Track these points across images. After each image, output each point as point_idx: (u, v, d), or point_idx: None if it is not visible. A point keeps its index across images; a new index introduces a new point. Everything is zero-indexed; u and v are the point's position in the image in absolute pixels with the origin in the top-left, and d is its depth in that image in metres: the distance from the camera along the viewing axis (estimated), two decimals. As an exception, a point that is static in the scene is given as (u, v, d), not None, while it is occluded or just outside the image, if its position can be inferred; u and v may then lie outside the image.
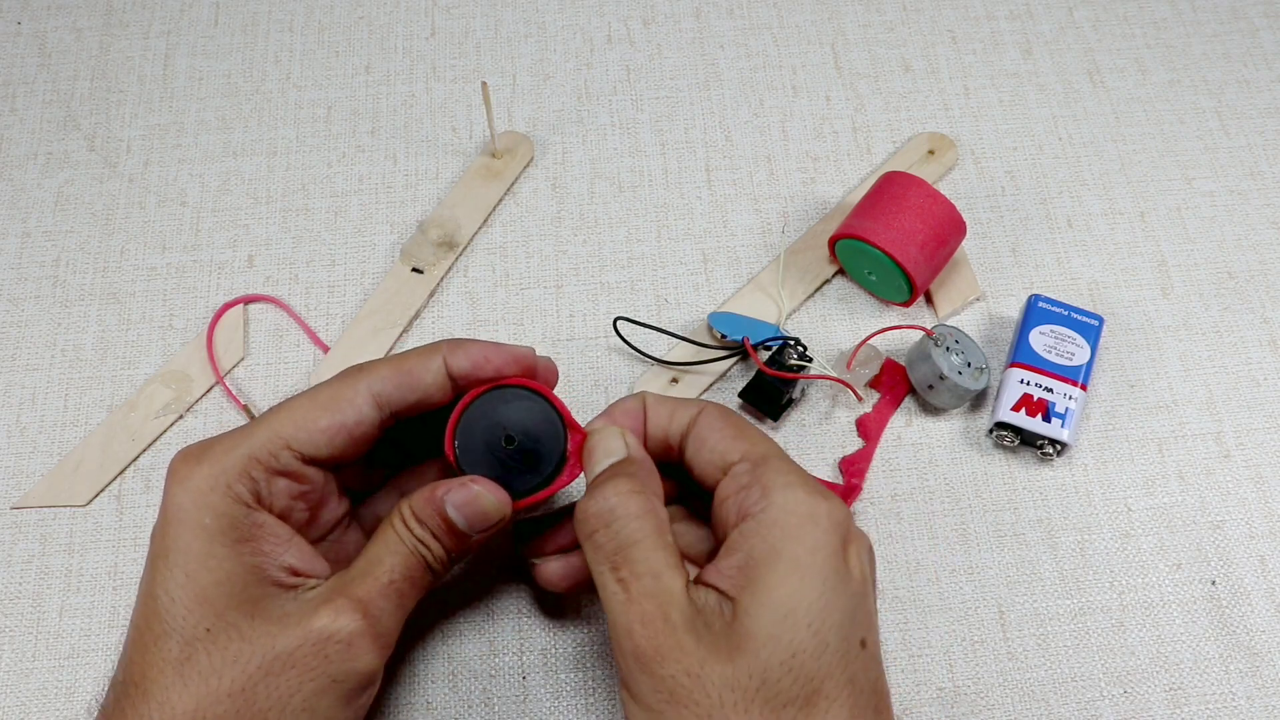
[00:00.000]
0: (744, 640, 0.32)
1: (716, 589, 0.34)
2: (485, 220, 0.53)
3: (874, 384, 0.49)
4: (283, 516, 0.36)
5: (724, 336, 0.48)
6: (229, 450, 0.35)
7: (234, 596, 0.34)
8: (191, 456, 0.35)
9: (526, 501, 0.38)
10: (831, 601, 0.32)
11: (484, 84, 0.50)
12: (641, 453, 0.37)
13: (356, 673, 0.34)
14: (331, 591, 0.35)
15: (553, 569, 0.39)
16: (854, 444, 0.48)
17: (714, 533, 0.37)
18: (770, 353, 0.48)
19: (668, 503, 0.40)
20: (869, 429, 0.48)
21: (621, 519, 0.34)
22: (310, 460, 0.36)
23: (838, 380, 0.47)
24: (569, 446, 0.38)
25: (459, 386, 0.38)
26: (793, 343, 0.48)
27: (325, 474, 0.38)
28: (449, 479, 0.37)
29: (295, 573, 0.36)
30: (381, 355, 0.49)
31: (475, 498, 0.36)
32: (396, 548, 0.36)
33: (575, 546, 0.38)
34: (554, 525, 0.40)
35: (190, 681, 0.33)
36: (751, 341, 0.47)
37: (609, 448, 0.37)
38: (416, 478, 0.41)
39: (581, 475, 0.38)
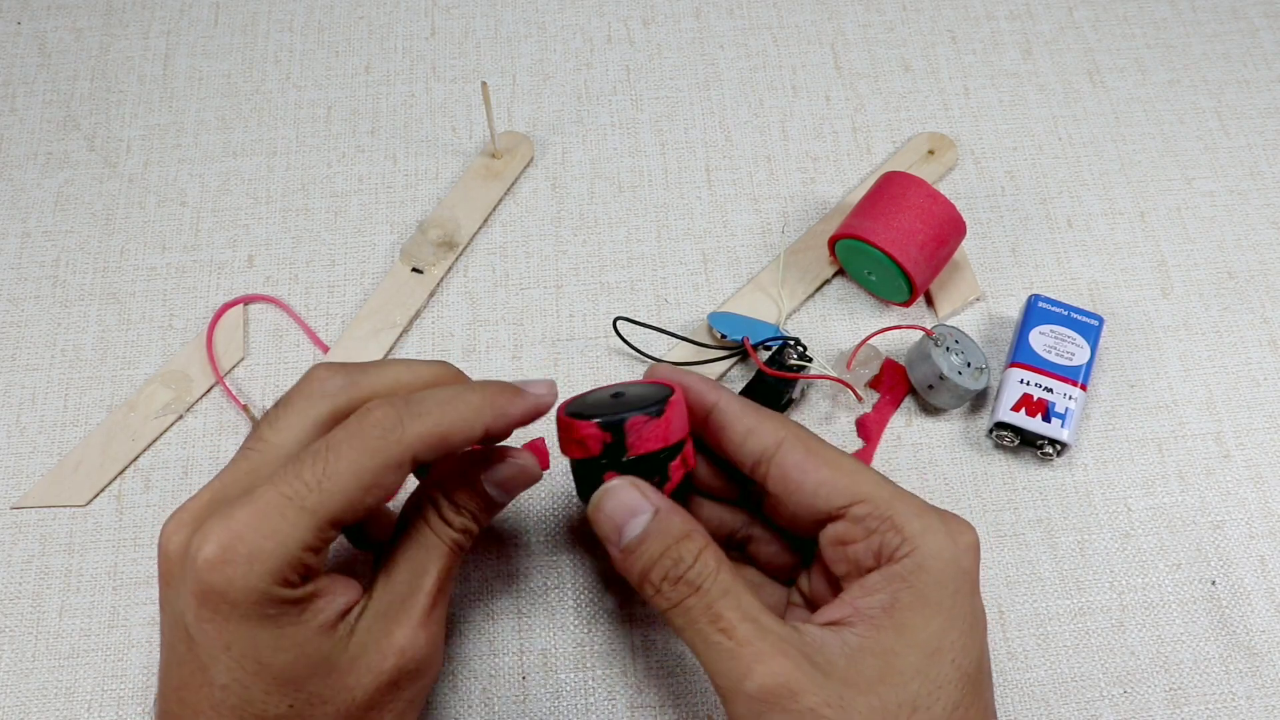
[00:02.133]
0: (889, 674, 0.32)
1: (842, 624, 0.34)
2: (485, 220, 0.53)
3: (874, 384, 0.49)
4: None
5: (724, 336, 0.49)
6: (279, 540, 0.31)
7: (309, 665, 0.32)
8: (237, 550, 0.31)
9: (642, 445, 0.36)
10: (970, 640, 0.34)
11: (484, 84, 0.50)
12: (663, 500, 0.35)
13: (425, 686, 0.35)
14: (389, 623, 0.34)
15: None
16: (854, 444, 0.48)
17: (823, 567, 0.37)
18: (770, 353, 0.48)
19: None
20: (869, 429, 0.48)
21: (710, 574, 0.34)
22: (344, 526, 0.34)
23: (838, 380, 0.47)
24: (674, 460, 0.37)
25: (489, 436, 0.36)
26: (792, 343, 0.48)
27: None
28: (474, 452, 0.36)
29: (349, 604, 0.34)
30: (381, 356, 0.49)
31: (518, 470, 0.36)
32: (437, 550, 0.35)
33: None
34: None
35: None
36: (751, 341, 0.47)
37: (629, 504, 0.35)
38: None
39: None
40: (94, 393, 0.49)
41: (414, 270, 0.51)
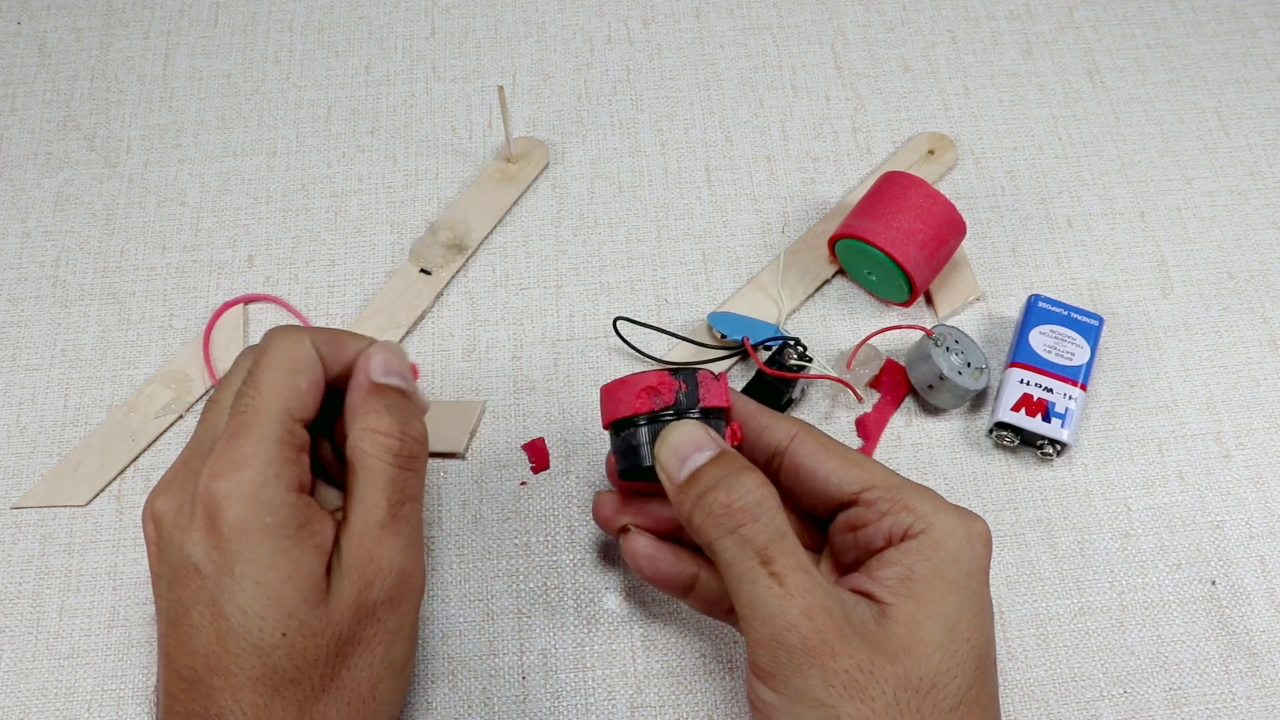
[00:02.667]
0: (912, 645, 0.32)
1: (867, 595, 0.34)
2: (497, 225, 0.53)
3: (874, 384, 0.49)
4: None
5: (724, 336, 0.49)
6: (254, 442, 0.33)
7: (300, 589, 0.33)
8: (227, 464, 0.33)
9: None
10: (983, 621, 0.34)
11: (500, 89, 0.50)
12: (728, 445, 0.36)
13: (405, 612, 0.36)
14: (354, 546, 0.34)
15: (641, 545, 0.39)
16: (854, 444, 0.48)
17: (836, 554, 0.37)
18: (770, 353, 0.48)
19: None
20: (869, 429, 0.48)
21: (769, 511, 0.33)
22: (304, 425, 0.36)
23: (838, 380, 0.47)
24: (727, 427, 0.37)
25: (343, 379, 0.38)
26: (792, 343, 0.48)
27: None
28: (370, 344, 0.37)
29: (333, 525, 0.35)
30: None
31: (384, 347, 0.37)
32: (374, 466, 0.35)
33: (668, 533, 0.39)
34: (661, 498, 0.39)
35: (286, 692, 0.33)
36: (751, 341, 0.47)
37: (697, 439, 0.35)
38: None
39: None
40: (94, 393, 0.49)
41: (422, 271, 0.51)
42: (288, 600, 0.33)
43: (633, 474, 0.37)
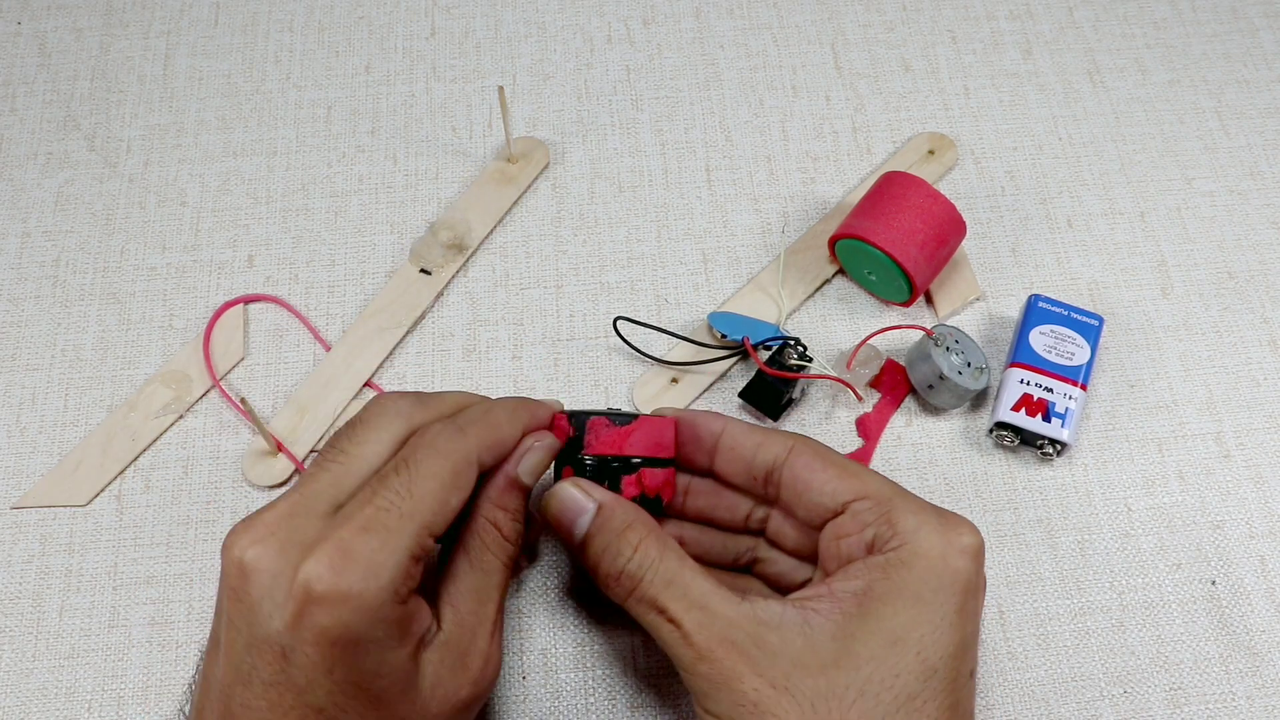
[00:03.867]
0: (843, 658, 0.33)
1: (813, 609, 0.34)
2: (497, 224, 0.53)
3: (874, 384, 0.49)
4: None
5: (724, 336, 0.48)
6: (390, 555, 0.32)
7: (399, 688, 0.33)
8: (348, 573, 0.31)
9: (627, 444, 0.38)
10: (945, 635, 0.34)
11: (500, 89, 0.50)
12: (606, 495, 0.37)
13: (488, 695, 0.37)
14: (462, 653, 0.35)
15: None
16: (854, 444, 0.48)
17: (821, 562, 0.37)
18: (770, 353, 0.48)
19: (683, 512, 0.41)
20: (869, 429, 0.48)
21: (651, 565, 0.35)
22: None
23: (838, 380, 0.47)
24: (629, 475, 0.39)
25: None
26: (792, 343, 0.48)
27: None
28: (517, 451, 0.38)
29: (427, 629, 0.35)
30: (384, 355, 0.49)
31: (543, 448, 0.37)
32: (496, 572, 0.36)
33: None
34: None
35: None
36: (751, 341, 0.47)
37: (573, 502, 0.37)
38: None
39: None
40: (94, 393, 0.49)
41: (422, 271, 0.51)
42: (386, 699, 0.33)
43: None
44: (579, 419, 0.39)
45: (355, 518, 0.32)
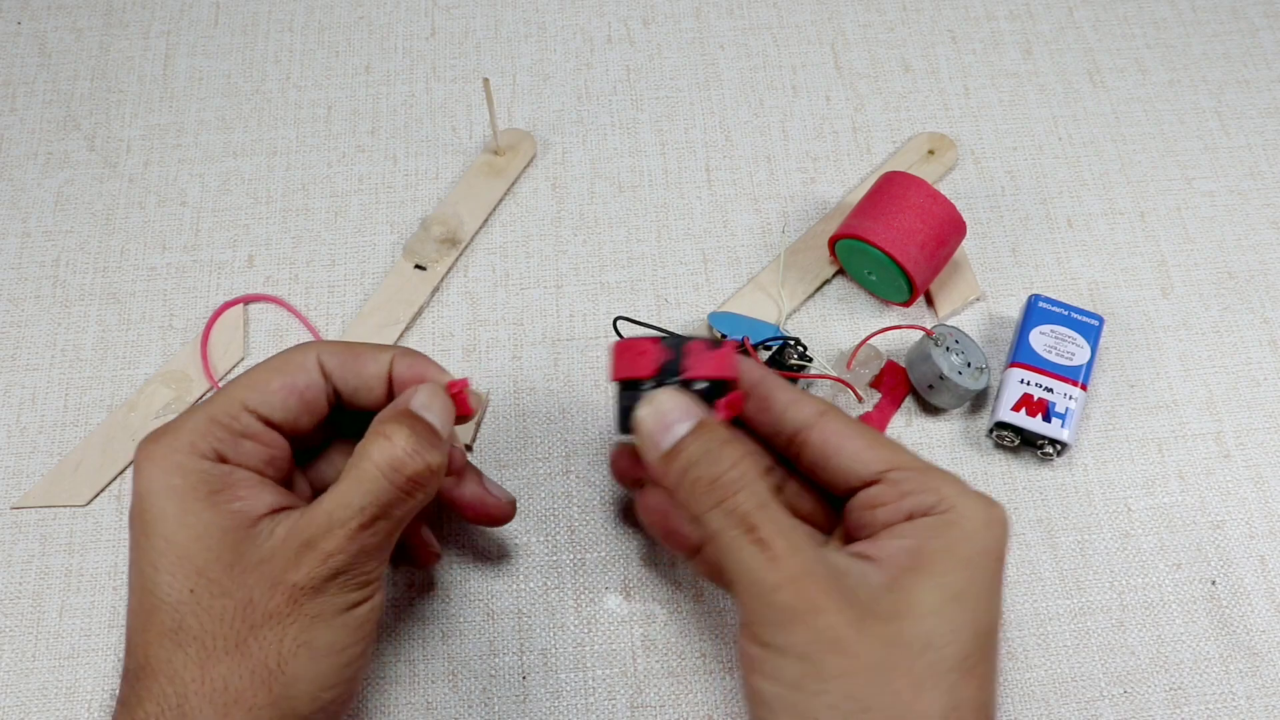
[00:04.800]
0: (908, 609, 0.33)
1: (869, 559, 0.34)
2: (488, 217, 0.53)
3: (875, 385, 0.49)
4: None
5: (724, 336, 0.48)
6: (188, 416, 0.36)
7: (213, 549, 0.34)
8: (156, 434, 0.36)
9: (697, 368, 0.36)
10: (989, 600, 0.35)
11: (485, 81, 0.50)
12: (710, 414, 0.36)
13: (335, 604, 0.35)
14: (299, 541, 0.34)
15: (654, 501, 0.40)
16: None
17: (849, 530, 0.37)
18: (770, 353, 0.48)
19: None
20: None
21: (751, 481, 0.34)
22: (267, 422, 0.36)
23: (838, 380, 0.47)
24: (720, 398, 0.37)
25: (394, 394, 0.38)
26: (792, 343, 0.48)
27: (287, 443, 0.38)
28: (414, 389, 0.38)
29: (278, 510, 0.35)
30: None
31: (434, 389, 0.37)
32: (367, 484, 0.35)
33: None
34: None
35: (189, 648, 0.33)
36: (752, 341, 0.47)
37: (673, 410, 0.36)
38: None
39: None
40: (94, 393, 0.49)
41: (417, 267, 0.51)
42: (196, 558, 0.34)
43: (623, 431, 0.37)
44: (672, 341, 0.36)
45: (199, 402, 0.37)
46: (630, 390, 0.37)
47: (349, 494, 0.35)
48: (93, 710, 0.43)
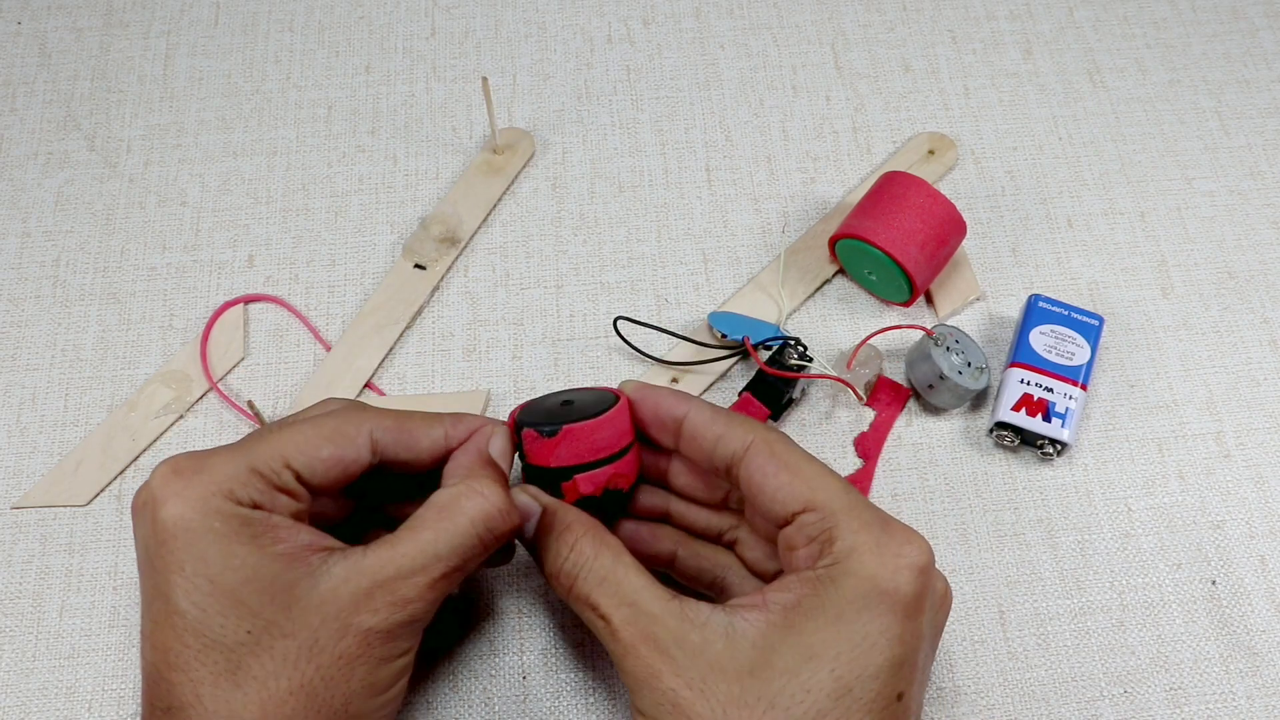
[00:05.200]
0: (759, 667, 0.33)
1: (742, 610, 0.35)
2: (487, 216, 0.53)
3: (871, 402, 0.48)
4: None
5: (724, 336, 0.48)
6: (227, 461, 0.35)
7: (266, 591, 0.33)
8: (185, 469, 0.34)
9: (578, 438, 0.38)
10: (865, 656, 0.33)
11: (484, 79, 0.50)
12: (551, 500, 0.38)
13: (403, 649, 0.36)
14: (372, 584, 0.34)
15: (623, 526, 0.41)
16: (852, 455, 0.48)
17: (782, 565, 0.37)
18: (770, 352, 0.48)
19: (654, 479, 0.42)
20: (867, 448, 0.47)
21: (584, 566, 0.36)
22: (303, 483, 0.36)
23: (838, 380, 0.47)
24: (568, 481, 0.39)
25: (448, 455, 0.39)
26: (792, 342, 0.48)
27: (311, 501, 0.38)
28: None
29: (318, 549, 0.35)
30: (384, 352, 0.49)
31: (505, 438, 0.38)
32: (461, 536, 0.35)
33: (650, 514, 0.42)
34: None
35: (249, 690, 0.33)
36: (752, 341, 0.47)
37: (523, 507, 0.38)
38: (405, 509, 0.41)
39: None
40: (94, 393, 0.49)
41: (416, 266, 0.51)
42: (249, 601, 0.33)
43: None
44: (519, 427, 0.39)
45: (237, 444, 0.36)
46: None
47: (436, 543, 0.35)
48: (93, 710, 0.43)
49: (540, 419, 0.39)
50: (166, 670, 0.33)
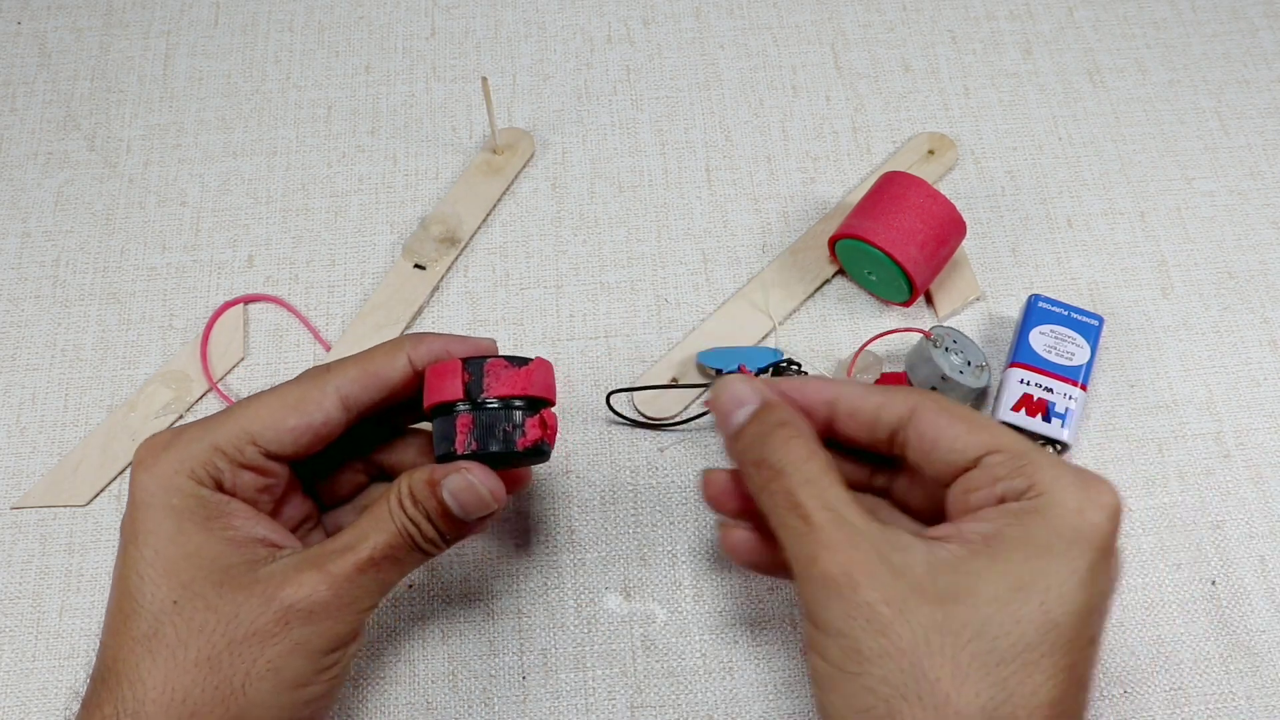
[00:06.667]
0: (964, 594, 0.32)
1: (945, 540, 0.33)
2: (487, 216, 0.53)
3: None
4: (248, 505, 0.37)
5: (719, 372, 0.48)
6: (194, 439, 0.36)
7: (203, 568, 0.34)
8: (158, 444, 0.36)
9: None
10: (1072, 591, 0.32)
11: (484, 79, 0.50)
12: (772, 394, 0.37)
13: (321, 636, 0.35)
14: (303, 562, 0.35)
15: (739, 539, 0.39)
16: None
17: (949, 516, 0.36)
18: (769, 376, 0.47)
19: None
20: None
21: (795, 463, 0.34)
22: (273, 456, 0.36)
23: (838, 380, 0.47)
24: (532, 417, 0.37)
25: (419, 378, 0.38)
26: (785, 363, 0.47)
27: (287, 468, 0.38)
28: (451, 463, 0.37)
29: (268, 544, 0.36)
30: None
31: (471, 486, 0.36)
32: (385, 525, 0.36)
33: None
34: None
35: (159, 655, 0.33)
36: (750, 369, 0.47)
37: (738, 395, 0.37)
38: (394, 453, 0.41)
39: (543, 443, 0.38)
40: (94, 393, 0.49)
41: (416, 266, 0.51)
42: (184, 572, 0.34)
43: (445, 459, 0.37)
44: (474, 364, 0.37)
45: (190, 422, 0.37)
46: (444, 415, 0.37)
47: (369, 530, 0.36)
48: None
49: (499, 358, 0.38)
50: (105, 635, 0.35)
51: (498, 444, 0.37)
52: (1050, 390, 0.46)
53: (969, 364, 0.47)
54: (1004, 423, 0.46)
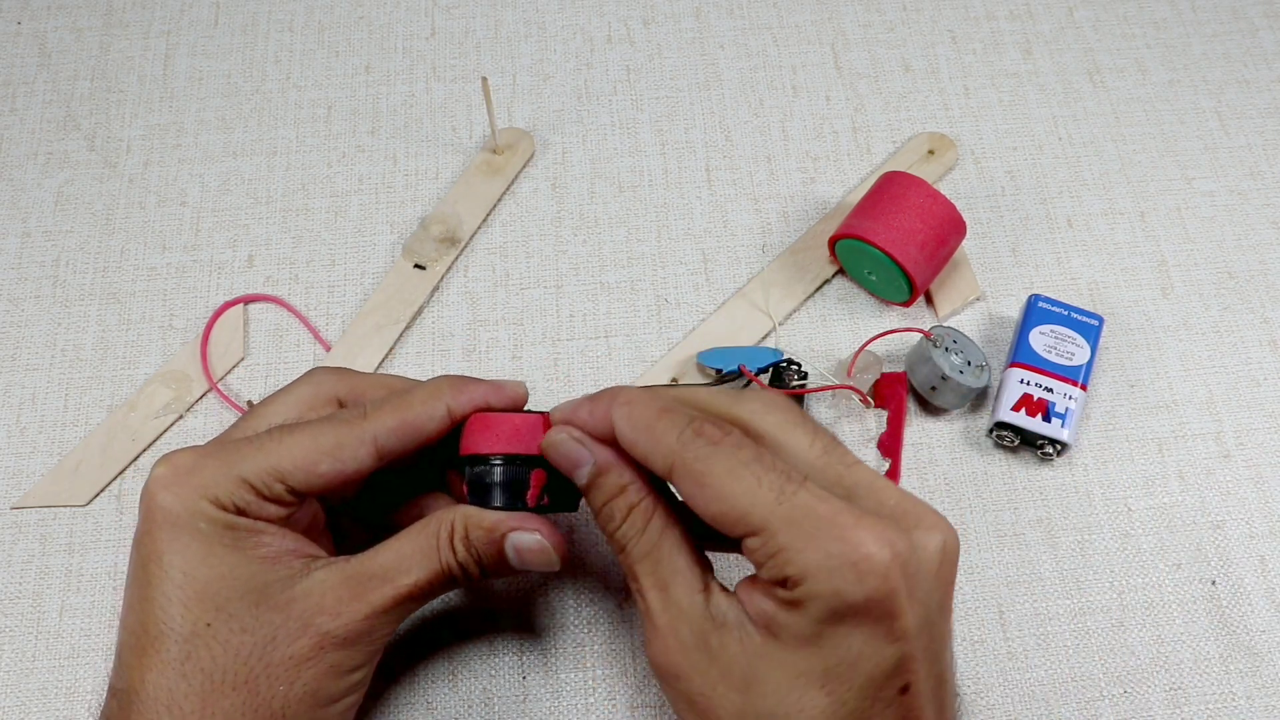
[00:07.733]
0: (756, 682, 0.32)
1: (746, 608, 0.33)
2: (487, 216, 0.53)
3: (879, 403, 0.48)
4: None
5: (720, 372, 0.48)
6: (221, 469, 0.35)
7: (238, 589, 0.34)
8: (181, 467, 0.35)
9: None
10: (852, 671, 0.32)
11: (484, 80, 0.50)
12: (603, 452, 0.35)
13: (353, 659, 0.35)
14: (340, 585, 0.35)
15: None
16: (880, 467, 0.48)
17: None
18: (769, 377, 0.47)
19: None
20: (888, 448, 0.47)
21: (631, 540, 0.35)
22: (298, 493, 0.36)
23: (843, 387, 0.47)
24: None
25: (456, 425, 0.38)
26: (785, 364, 0.47)
27: (315, 504, 0.38)
28: (513, 515, 0.37)
29: (300, 555, 0.36)
30: (384, 352, 0.49)
31: (544, 549, 0.37)
32: (429, 562, 0.36)
33: None
34: None
35: (194, 680, 0.33)
36: (751, 369, 0.46)
37: (571, 456, 0.36)
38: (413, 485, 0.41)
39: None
40: (94, 393, 0.49)
41: (416, 266, 0.51)
42: (218, 595, 0.34)
43: (505, 509, 0.37)
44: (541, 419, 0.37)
45: (211, 443, 0.36)
46: (508, 464, 0.37)
47: (410, 563, 0.36)
48: (93, 710, 0.43)
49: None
50: (125, 652, 0.35)
51: (568, 503, 0.38)
52: (1050, 390, 0.46)
53: (969, 364, 0.47)
54: (1000, 423, 0.46)
